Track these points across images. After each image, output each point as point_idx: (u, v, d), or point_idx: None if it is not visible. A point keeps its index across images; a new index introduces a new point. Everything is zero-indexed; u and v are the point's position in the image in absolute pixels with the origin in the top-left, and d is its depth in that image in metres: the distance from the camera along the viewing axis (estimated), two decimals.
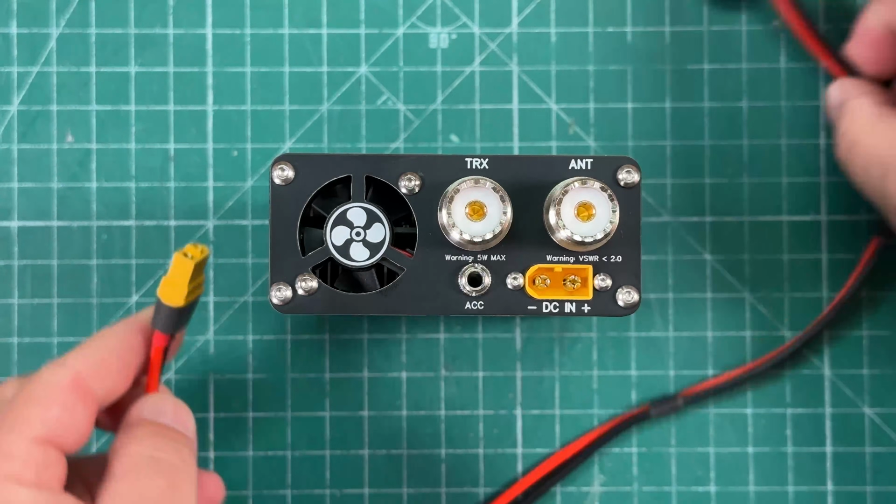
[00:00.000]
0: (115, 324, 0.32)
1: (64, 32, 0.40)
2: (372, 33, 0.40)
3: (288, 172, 0.30)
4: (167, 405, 0.33)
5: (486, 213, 0.29)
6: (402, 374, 0.40)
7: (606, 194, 0.29)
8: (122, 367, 0.32)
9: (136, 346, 0.32)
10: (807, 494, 0.39)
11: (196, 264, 0.31)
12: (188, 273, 0.31)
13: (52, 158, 0.40)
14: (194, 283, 0.31)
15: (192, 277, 0.31)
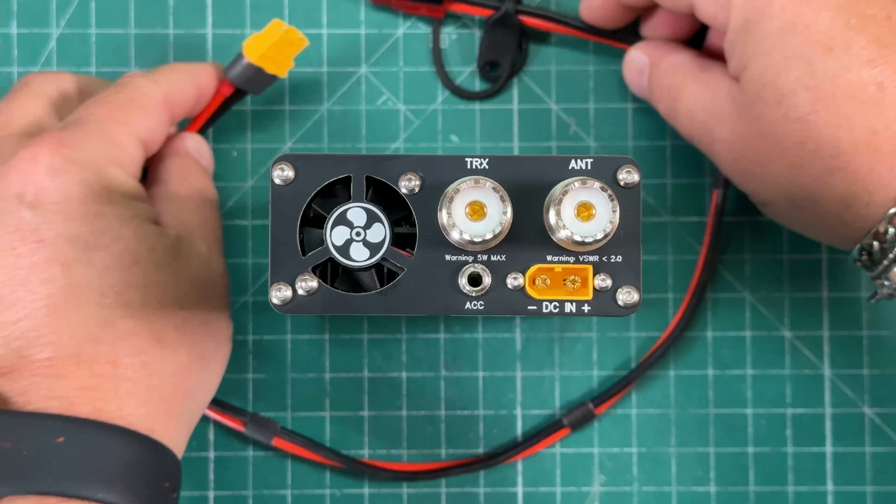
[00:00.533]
0: (196, 62, 0.38)
1: (64, 32, 0.40)
2: (372, 33, 0.40)
3: (288, 172, 0.30)
4: (203, 146, 0.38)
5: (486, 213, 0.29)
6: (402, 374, 0.40)
7: (606, 194, 0.29)
8: (196, 98, 0.37)
9: (208, 84, 0.37)
10: (807, 494, 0.39)
11: (284, 37, 0.36)
12: (274, 38, 0.36)
13: None
14: (277, 56, 0.37)
15: (276, 48, 0.36)
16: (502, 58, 0.39)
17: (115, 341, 0.31)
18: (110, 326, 0.31)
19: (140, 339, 0.31)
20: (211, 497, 0.39)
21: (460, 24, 0.40)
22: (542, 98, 0.40)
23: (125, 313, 0.31)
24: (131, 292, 0.32)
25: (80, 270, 0.31)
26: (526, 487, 0.40)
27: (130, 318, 0.31)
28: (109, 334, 0.31)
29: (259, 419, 0.38)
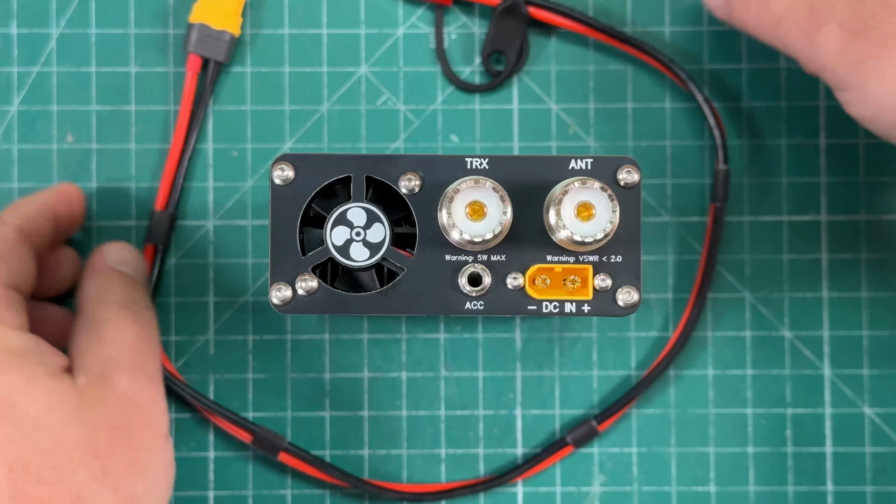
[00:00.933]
0: (47, 188, 0.38)
1: (64, 32, 0.40)
2: (372, 33, 0.40)
3: (288, 172, 0.30)
4: (128, 253, 0.37)
5: (486, 213, 0.29)
6: (402, 374, 0.40)
7: (606, 194, 0.29)
8: (55, 222, 0.37)
9: (67, 204, 0.38)
10: (807, 494, 0.39)
11: None
12: None
13: (52, 158, 0.40)
14: (217, 11, 0.38)
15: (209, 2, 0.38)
16: (508, 49, 0.39)
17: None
18: (23, 498, 0.29)
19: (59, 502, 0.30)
20: (211, 497, 0.39)
21: (460, 24, 0.40)
22: (542, 98, 0.40)
23: (36, 482, 0.30)
24: (38, 459, 0.30)
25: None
26: (526, 487, 0.40)
27: (43, 484, 0.30)
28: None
29: (267, 434, 0.38)
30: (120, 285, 0.36)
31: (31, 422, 0.30)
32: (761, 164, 0.40)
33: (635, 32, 0.40)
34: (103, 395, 0.32)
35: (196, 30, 0.38)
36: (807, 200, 0.40)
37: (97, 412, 0.32)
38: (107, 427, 0.32)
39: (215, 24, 0.38)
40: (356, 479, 0.38)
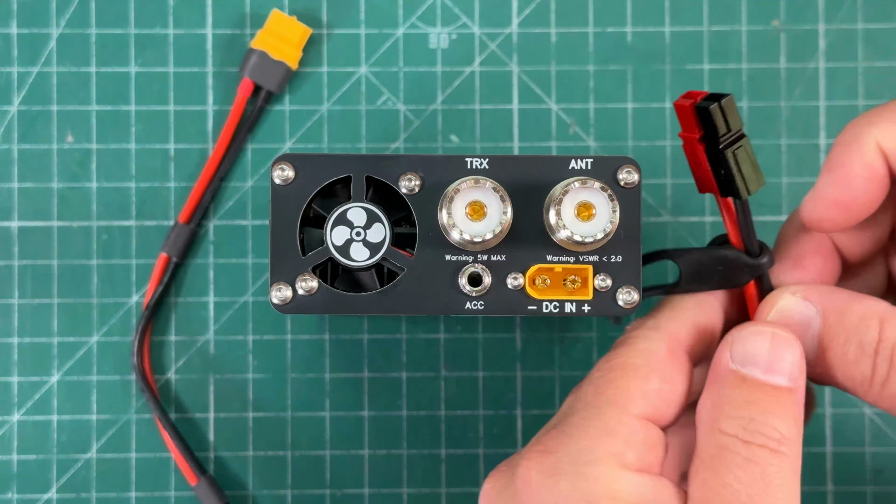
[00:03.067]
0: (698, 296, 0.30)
1: (64, 32, 0.40)
2: (372, 33, 0.40)
3: (288, 172, 0.30)
4: (761, 344, 0.26)
5: (486, 213, 0.29)
6: (402, 374, 0.40)
7: (606, 194, 0.29)
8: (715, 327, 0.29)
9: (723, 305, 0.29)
10: (807, 494, 0.39)
11: (281, 21, 0.39)
12: (271, 23, 0.39)
13: (52, 158, 0.40)
14: (279, 42, 0.39)
15: (273, 31, 0.39)
16: None
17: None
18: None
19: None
20: None
21: (460, 24, 0.40)
22: (542, 98, 0.40)
23: None
24: None
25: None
26: None
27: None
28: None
29: (213, 483, 0.38)
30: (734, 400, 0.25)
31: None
32: (761, 163, 0.40)
33: (635, 33, 0.40)
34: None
35: (255, 56, 0.39)
36: None
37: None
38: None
39: (275, 53, 0.39)
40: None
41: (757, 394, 0.25)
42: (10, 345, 0.39)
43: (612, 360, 0.27)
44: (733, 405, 0.25)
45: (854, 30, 0.40)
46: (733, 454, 0.25)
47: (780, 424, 0.25)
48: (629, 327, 0.29)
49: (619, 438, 0.25)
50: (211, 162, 0.39)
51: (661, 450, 0.26)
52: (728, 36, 0.40)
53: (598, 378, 0.27)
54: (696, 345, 0.28)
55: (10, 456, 0.39)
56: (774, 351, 0.26)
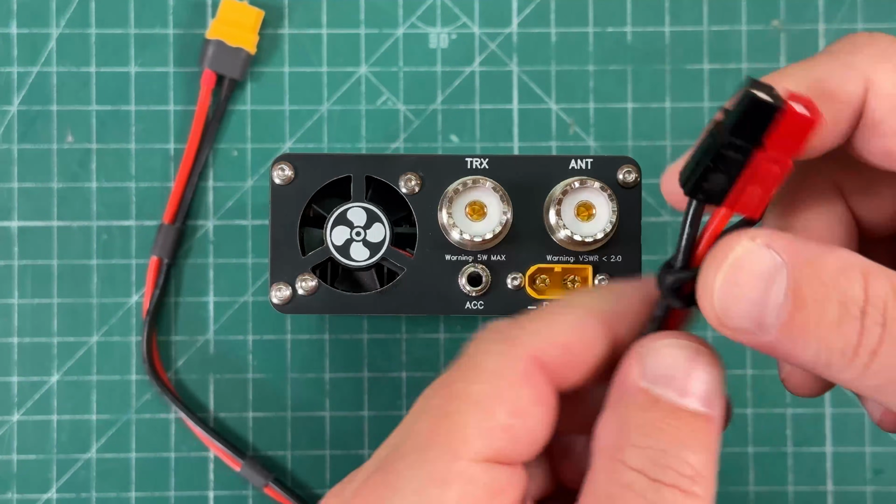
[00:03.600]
0: (595, 291, 0.25)
1: (64, 32, 0.40)
2: (372, 33, 0.40)
3: (288, 172, 0.30)
4: (678, 361, 0.22)
5: (486, 213, 0.29)
6: (402, 374, 0.40)
7: (606, 194, 0.29)
8: (590, 350, 0.23)
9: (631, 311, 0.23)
10: (807, 494, 0.39)
11: (232, 6, 0.38)
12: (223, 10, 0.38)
13: (52, 158, 0.40)
14: (234, 28, 0.38)
15: (226, 20, 0.38)
16: None
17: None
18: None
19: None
20: (211, 497, 0.39)
21: (460, 24, 0.40)
22: (542, 98, 0.40)
23: None
24: None
25: None
26: None
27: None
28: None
29: (255, 464, 0.38)
30: (638, 426, 0.21)
31: None
32: None
33: (635, 33, 0.40)
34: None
35: (212, 46, 0.38)
36: None
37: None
38: None
39: (232, 40, 0.39)
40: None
41: (671, 420, 0.21)
42: (10, 345, 0.39)
43: (451, 385, 0.22)
44: (641, 432, 0.21)
45: (854, 30, 0.40)
46: (636, 496, 0.20)
47: (696, 459, 0.21)
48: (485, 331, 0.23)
49: (452, 491, 0.21)
50: (185, 160, 0.39)
51: (515, 492, 0.22)
52: (728, 36, 0.40)
53: (434, 409, 0.22)
54: (578, 361, 0.22)
55: (10, 456, 0.39)
56: (693, 370, 0.21)
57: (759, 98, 0.21)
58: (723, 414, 0.21)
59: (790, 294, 0.20)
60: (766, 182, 0.21)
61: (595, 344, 0.23)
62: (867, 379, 0.21)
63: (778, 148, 0.21)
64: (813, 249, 0.21)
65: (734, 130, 0.21)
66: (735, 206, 0.21)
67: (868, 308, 0.20)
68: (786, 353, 0.21)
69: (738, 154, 0.21)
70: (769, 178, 0.21)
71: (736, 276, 0.21)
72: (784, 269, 0.20)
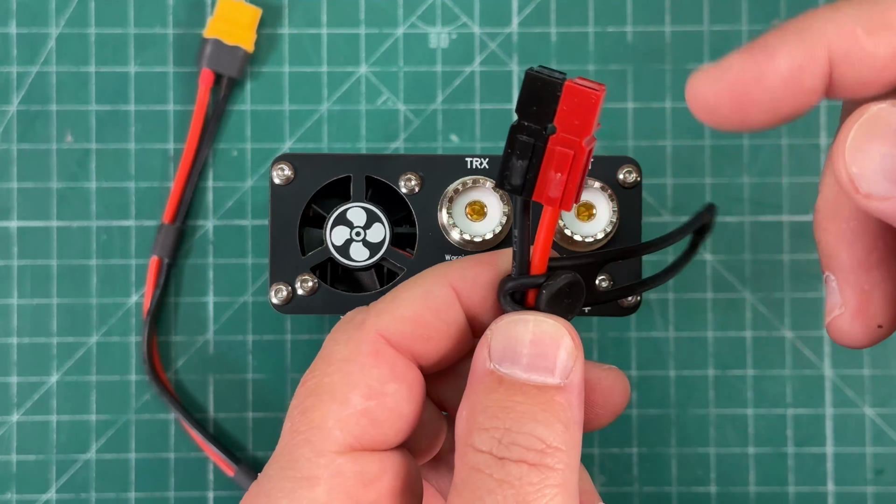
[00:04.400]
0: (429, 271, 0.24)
1: (63, 32, 0.40)
2: (372, 33, 0.40)
3: (288, 172, 0.30)
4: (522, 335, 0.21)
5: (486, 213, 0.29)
6: None
7: (606, 194, 0.29)
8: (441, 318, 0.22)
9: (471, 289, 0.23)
10: (807, 494, 0.39)
11: (229, 5, 0.38)
12: (221, 9, 0.38)
13: (51, 158, 0.39)
14: (232, 27, 0.38)
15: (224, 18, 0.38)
16: None
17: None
18: None
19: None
20: (210, 497, 0.39)
21: (461, 24, 0.40)
22: None
23: None
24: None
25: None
26: None
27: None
28: None
29: (250, 470, 0.38)
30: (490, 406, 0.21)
31: None
32: (761, 164, 0.40)
33: (635, 32, 0.40)
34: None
35: (210, 45, 0.38)
36: (807, 200, 0.40)
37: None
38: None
39: (229, 39, 0.38)
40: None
41: (516, 397, 0.20)
42: (9, 345, 0.39)
43: (307, 382, 0.22)
44: (487, 414, 0.20)
45: None
46: (485, 476, 0.20)
47: (544, 431, 0.20)
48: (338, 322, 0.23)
49: (321, 488, 0.21)
50: (184, 159, 0.39)
51: (392, 477, 0.21)
52: (728, 36, 0.40)
53: (294, 410, 0.22)
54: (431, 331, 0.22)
55: (9, 456, 0.39)
56: (539, 342, 0.21)
57: (537, 74, 0.21)
58: (581, 380, 0.21)
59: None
60: (563, 167, 0.21)
61: (445, 311, 0.22)
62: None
63: (568, 129, 0.20)
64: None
65: (519, 110, 0.21)
66: (542, 197, 0.21)
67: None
68: None
69: (530, 137, 0.21)
70: (566, 163, 0.21)
71: (870, 131, 0.20)
72: None
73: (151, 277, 0.39)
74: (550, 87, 0.21)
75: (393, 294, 0.23)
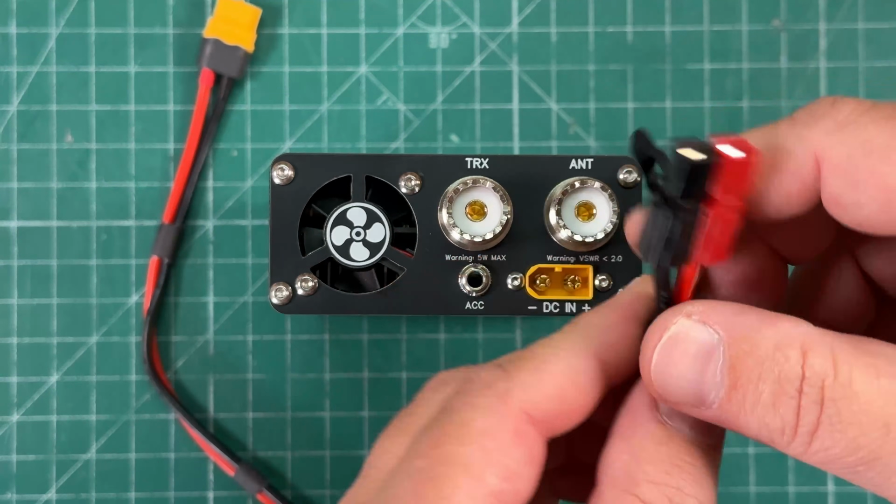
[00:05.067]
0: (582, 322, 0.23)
1: (63, 32, 0.40)
2: (372, 33, 0.40)
3: (288, 172, 0.30)
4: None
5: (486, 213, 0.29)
6: (402, 374, 0.40)
7: (606, 194, 0.29)
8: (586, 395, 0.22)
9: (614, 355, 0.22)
10: (807, 494, 0.39)
11: (229, 5, 0.38)
12: (220, 9, 0.38)
13: (51, 158, 0.39)
14: (232, 27, 0.38)
15: (224, 18, 0.38)
16: None
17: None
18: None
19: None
20: (210, 497, 0.39)
21: (461, 24, 0.40)
22: (542, 98, 0.40)
23: None
24: None
25: None
26: None
27: None
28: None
29: (250, 470, 0.38)
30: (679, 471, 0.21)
31: None
32: None
33: (635, 33, 0.40)
34: None
35: (210, 45, 0.38)
36: None
37: None
38: None
39: (229, 39, 0.38)
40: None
41: (685, 458, 0.21)
42: (9, 345, 0.39)
43: (440, 446, 0.20)
44: (658, 468, 0.21)
45: (854, 29, 0.40)
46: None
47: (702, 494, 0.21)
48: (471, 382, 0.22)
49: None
50: (185, 159, 0.39)
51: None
52: (728, 35, 0.40)
53: (419, 473, 0.20)
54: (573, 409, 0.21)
55: (9, 456, 0.39)
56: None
57: (694, 161, 0.21)
58: None
59: (727, 372, 0.20)
60: (724, 229, 0.21)
61: (591, 388, 0.22)
62: (811, 457, 0.20)
63: (727, 195, 0.21)
64: (752, 322, 0.20)
65: (683, 196, 0.21)
66: (702, 261, 0.21)
67: (805, 387, 0.19)
68: (731, 427, 0.21)
69: (692, 216, 0.21)
70: (726, 225, 0.21)
71: (672, 355, 0.20)
72: (721, 345, 0.20)
73: (151, 277, 0.39)
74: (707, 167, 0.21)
75: (535, 364, 0.21)
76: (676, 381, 0.20)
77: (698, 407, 0.20)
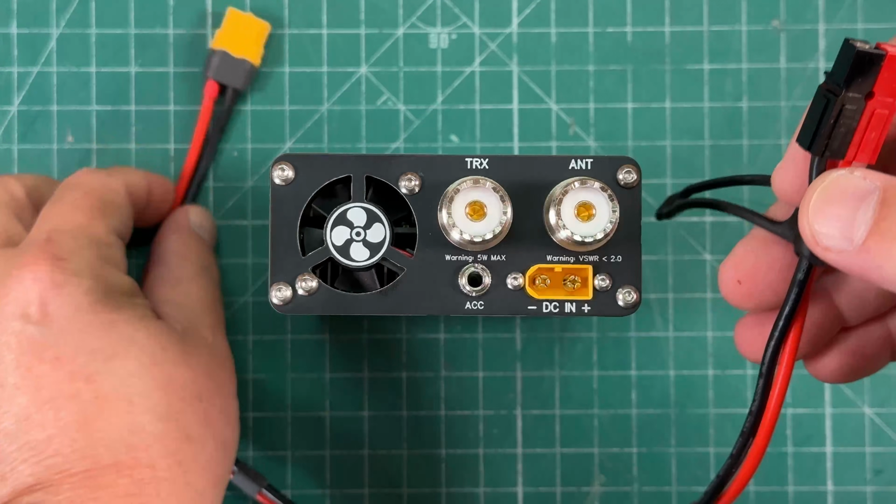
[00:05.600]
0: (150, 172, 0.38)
1: (64, 32, 0.40)
2: (372, 33, 0.40)
3: (288, 172, 0.30)
4: (207, 220, 0.38)
5: (486, 213, 0.29)
6: (402, 374, 0.40)
7: (606, 194, 0.29)
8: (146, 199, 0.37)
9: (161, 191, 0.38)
10: (807, 494, 0.39)
11: (238, 19, 0.39)
12: (229, 22, 0.39)
13: (52, 159, 0.40)
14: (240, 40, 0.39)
15: (232, 30, 0.39)
16: None
17: (149, 446, 0.31)
18: (142, 432, 0.31)
19: (171, 440, 0.31)
20: None
21: (461, 24, 0.40)
22: (542, 98, 0.40)
23: (154, 417, 0.31)
24: (155, 395, 0.31)
25: (104, 382, 0.31)
26: (526, 487, 0.40)
27: (159, 420, 0.31)
28: (142, 440, 0.31)
29: (248, 471, 0.38)
30: (199, 248, 0.37)
31: (150, 357, 0.31)
32: (761, 163, 0.40)
33: (635, 33, 0.40)
34: (198, 343, 0.34)
35: (217, 56, 0.38)
36: None
37: (196, 357, 0.33)
38: (204, 373, 0.33)
39: (236, 52, 0.39)
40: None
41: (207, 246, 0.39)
42: None
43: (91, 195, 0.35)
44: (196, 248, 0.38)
45: (854, 30, 0.40)
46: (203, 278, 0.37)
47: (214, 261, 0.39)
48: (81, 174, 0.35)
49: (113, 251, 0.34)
50: (187, 165, 0.39)
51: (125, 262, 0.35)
52: (728, 36, 0.40)
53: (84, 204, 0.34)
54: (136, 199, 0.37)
55: None
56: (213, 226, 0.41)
57: (860, 49, 0.24)
58: None
59: (878, 207, 0.22)
60: (878, 126, 0.24)
61: None
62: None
63: (885, 92, 0.24)
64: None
65: (848, 85, 0.24)
66: (855, 156, 0.25)
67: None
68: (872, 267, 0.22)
69: (854, 106, 0.24)
70: (881, 122, 0.24)
71: (831, 194, 0.23)
72: (876, 192, 0.22)
73: None
74: (875, 58, 0.24)
75: None
76: (830, 220, 0.23)
77: (847, 246, 0.23)
